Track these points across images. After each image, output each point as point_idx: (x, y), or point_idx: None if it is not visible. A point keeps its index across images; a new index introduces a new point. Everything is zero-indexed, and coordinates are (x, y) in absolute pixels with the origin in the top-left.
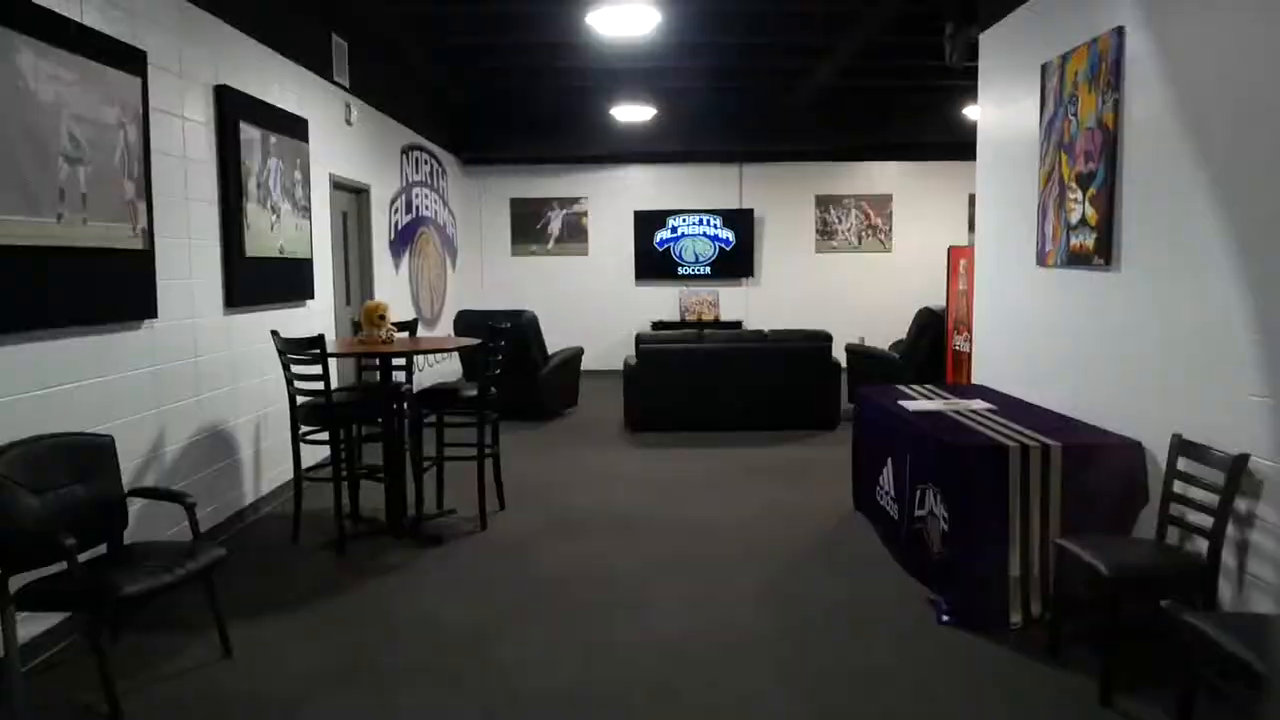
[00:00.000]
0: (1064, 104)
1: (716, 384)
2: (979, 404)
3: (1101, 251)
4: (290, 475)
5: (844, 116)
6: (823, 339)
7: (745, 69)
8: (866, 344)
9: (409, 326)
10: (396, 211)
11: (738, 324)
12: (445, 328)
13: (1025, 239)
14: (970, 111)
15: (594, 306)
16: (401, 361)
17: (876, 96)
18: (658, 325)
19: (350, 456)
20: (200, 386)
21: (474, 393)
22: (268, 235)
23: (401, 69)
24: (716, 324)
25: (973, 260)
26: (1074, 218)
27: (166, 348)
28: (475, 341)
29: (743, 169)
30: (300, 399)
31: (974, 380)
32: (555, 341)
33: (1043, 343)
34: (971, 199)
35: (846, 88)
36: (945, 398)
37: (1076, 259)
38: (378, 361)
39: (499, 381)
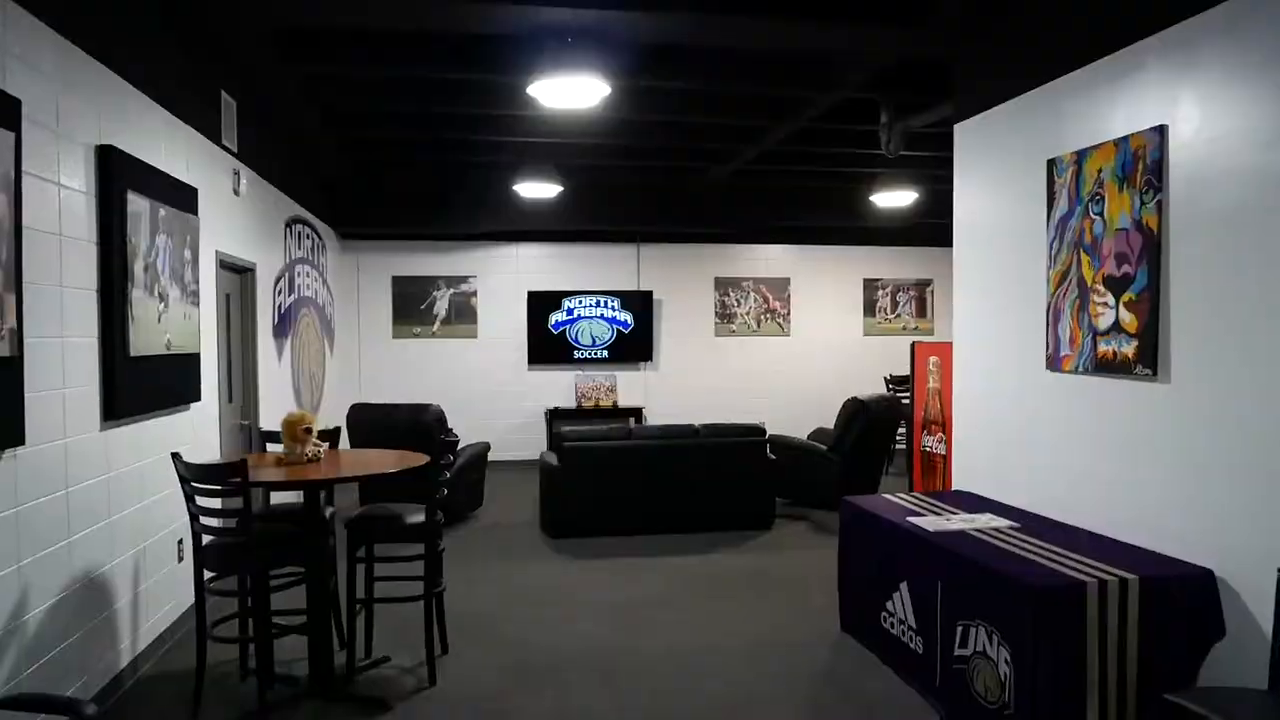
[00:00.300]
0: (1083, 202)
1: (645, 484)
2: (998, 520)
3: (1145, 360)
4: (173, 619)
5: (747, 199)
6: (756, 433)
7: (663, 149)
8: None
9: (329, 436)
10: (280, 292)
11: (637, 410)
12: (326, 422)
13: (1028, 341)
14: (879, 199)
15: (484, 392)
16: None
17: (780, 180)
18: (553, 413)
19: (262, 601)
20: (72, 525)
21: (419, 518)
22: (154, 328)
23: (289, 133)
24: (615, 411)
25: (947, 358)
26: (1103, 323)
27: (32, 481)
28: (423, 459)
29: (640, 249)
30: (205, 537)
31: (955, 485)
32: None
33: (1056, 453)
34: (865, 283)
35: (753, 170)
36: (952, 511)
37: (1109, 367)
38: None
39: (395, 481)
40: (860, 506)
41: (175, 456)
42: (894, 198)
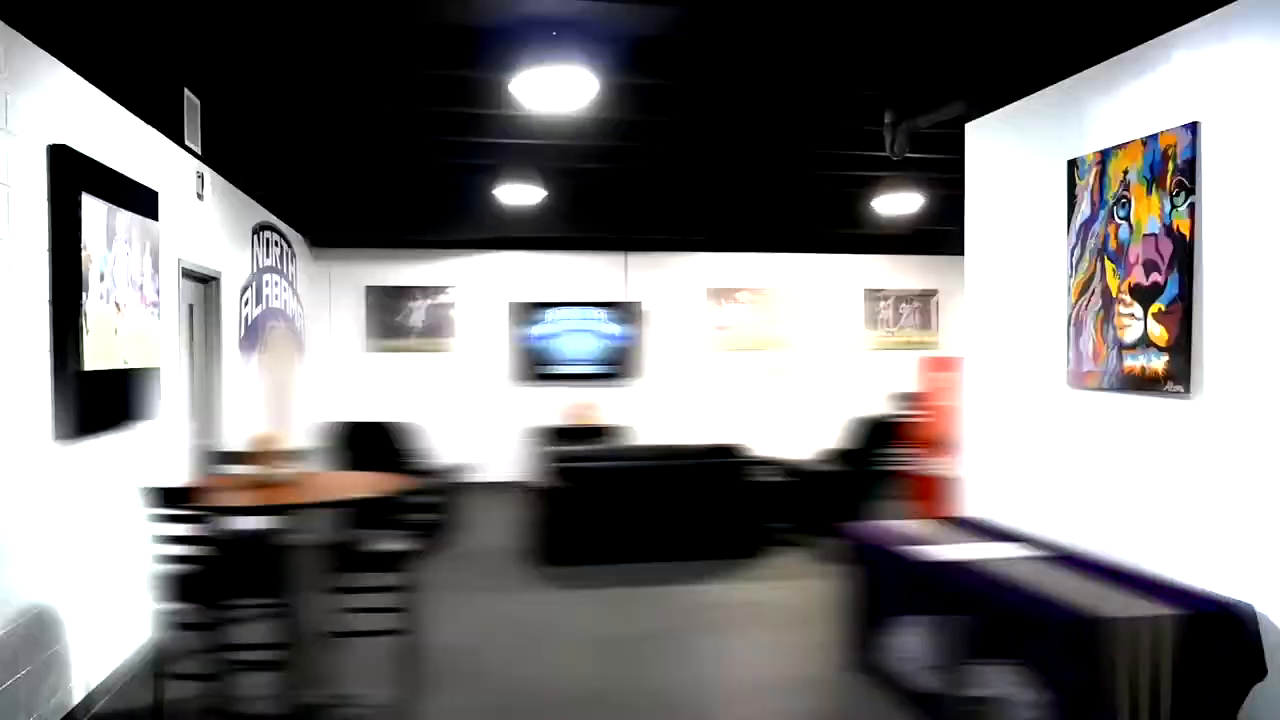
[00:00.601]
0: (1108, 206)
1: (637, 507)
2: (1016, 550)
3: (1176, 376)
4: (132, 653)
5: (741, 204)
6: (751, 454)
7: (652, 151)
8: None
9: (302, 455)
10: (247, 303)
11: (626, 429)
12: (296, 439)
13: (1047, 356)
14: (881, 204)
15: (463, 409)
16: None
17: (776, 184)
18: (537, 431)
19: (224, 636)
20: (18, 552)
21: (396, 546)
22: (111, 341)
23: (256, 132)
24: (602, 429)
25: (958, 374)
26: (1129, 336)
27: None
28: (402, 482)
29: (628, 258)
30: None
31: (966, 511)
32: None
33: (1078, 477)
34: (866, 294)
35: (748, 174)
36: (965, 539)
37: (1136, 383)
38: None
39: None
40: (864, 535)
41: (138, 483)
42: (897, 203)
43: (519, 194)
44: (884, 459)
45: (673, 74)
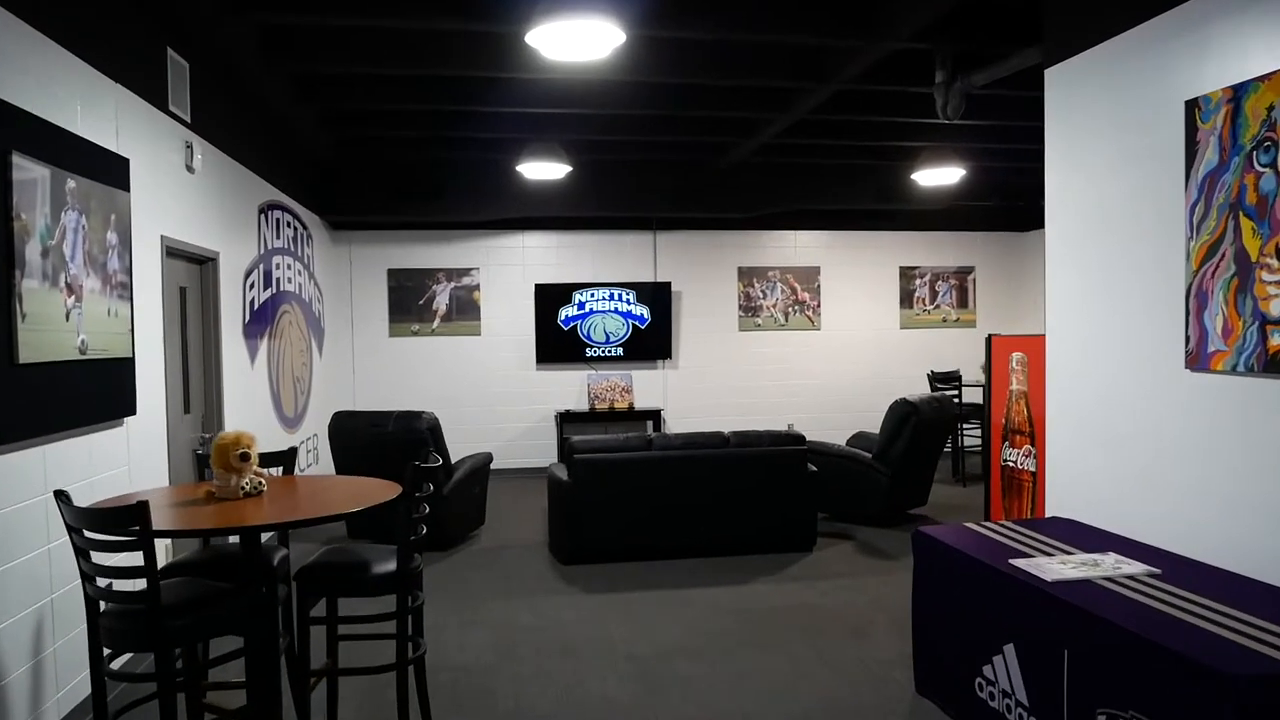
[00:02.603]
0: (1243, 152)
1: (668, 502)
2: (1129, 564)
3: None
4: (88, 692)
5: (773, 180)
6: (795, 441)
7: (681, 120)
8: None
9: (282, 459)
10: (252, 286)
11: (655, 413)
12: (312, 428)
13: (1158, 334)
14: (922, 176)
15: (488, 395)
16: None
17: (810, 157)
18: (564, 416)
19: (192, 671)
20: None
21: (390, 566)
22: (59, 327)
23: (259, 104)
24: (631, 413)
25: (1036, 355)
26: (1276, 308)
27: None
28: (394, 490)
29: (657, 237)
30: (105, 603)
31: (1049, 510)
32: (445, 438)
33: (1200, 474)
34: (902, 271)
35: (781, 146)
36: (1061, 548)
37: None
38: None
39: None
40: (941, 540)
41: (60, 497)
42: (939, 175)
43: (543, 170)
44: (934, 444)
45: (704, 24)
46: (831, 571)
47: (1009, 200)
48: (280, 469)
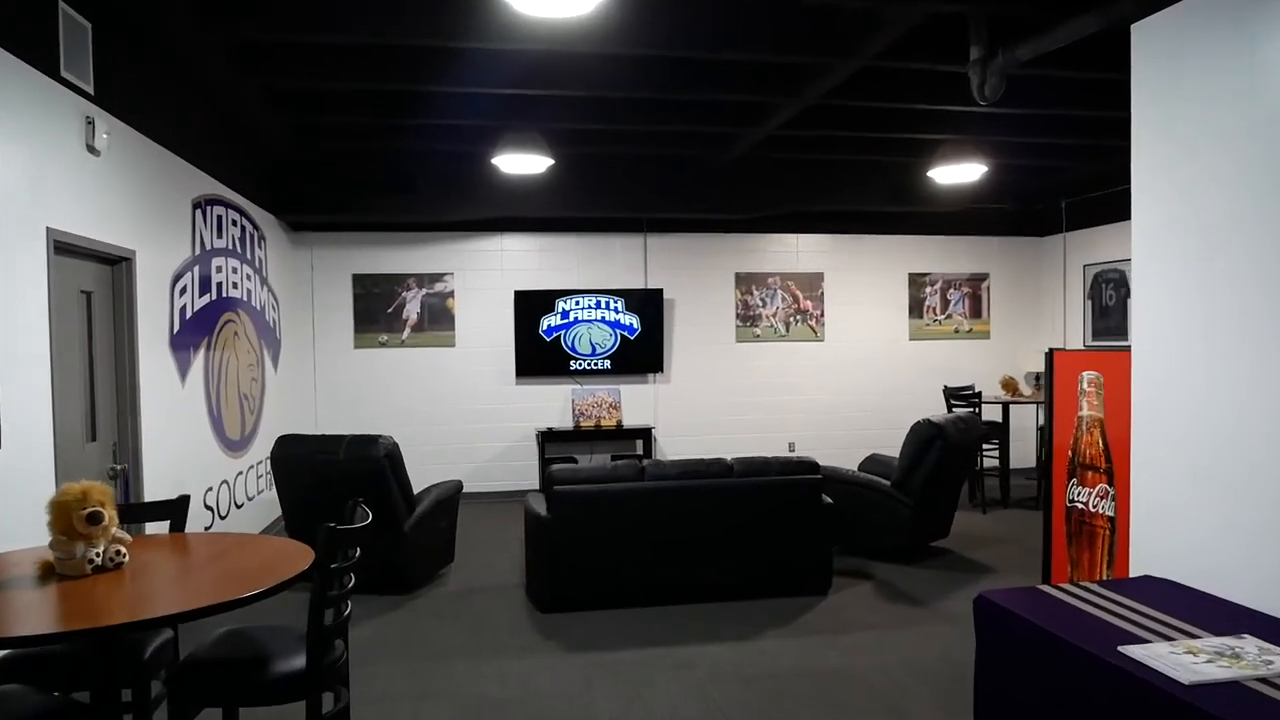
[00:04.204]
0: None
1: (664, 538)
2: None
3: None
4: None
5: (774, 178)
6: (807, 469)
7: (680, 106)
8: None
9: (168, 511)
10: (184, 291)
11: (646, 431)
12: (263, 451)
13: None
14: (940, 174)
15: (463, 412)
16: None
17: (815, 152)
18: (546, 435)
19: None
20: None
21: (299, 663)
22: None
23: (190, 79)
24: (619, 431)
25: (1115, 373)
26: None
27: None
28: (303, 562)
29: (647, 240)
30: None
31: (1134, 566)
32: (412, 461)
33: None
34: (911, 279)
35: (784, 139)
36: (1175, 625)
37: None
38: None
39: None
40: (1015, 612)
41: None
42: (958, 172)
43: (522, 163)
44: (960, 470)
45: None
46: (852, 622)
47: (1026, 203)
48: (168, 523)
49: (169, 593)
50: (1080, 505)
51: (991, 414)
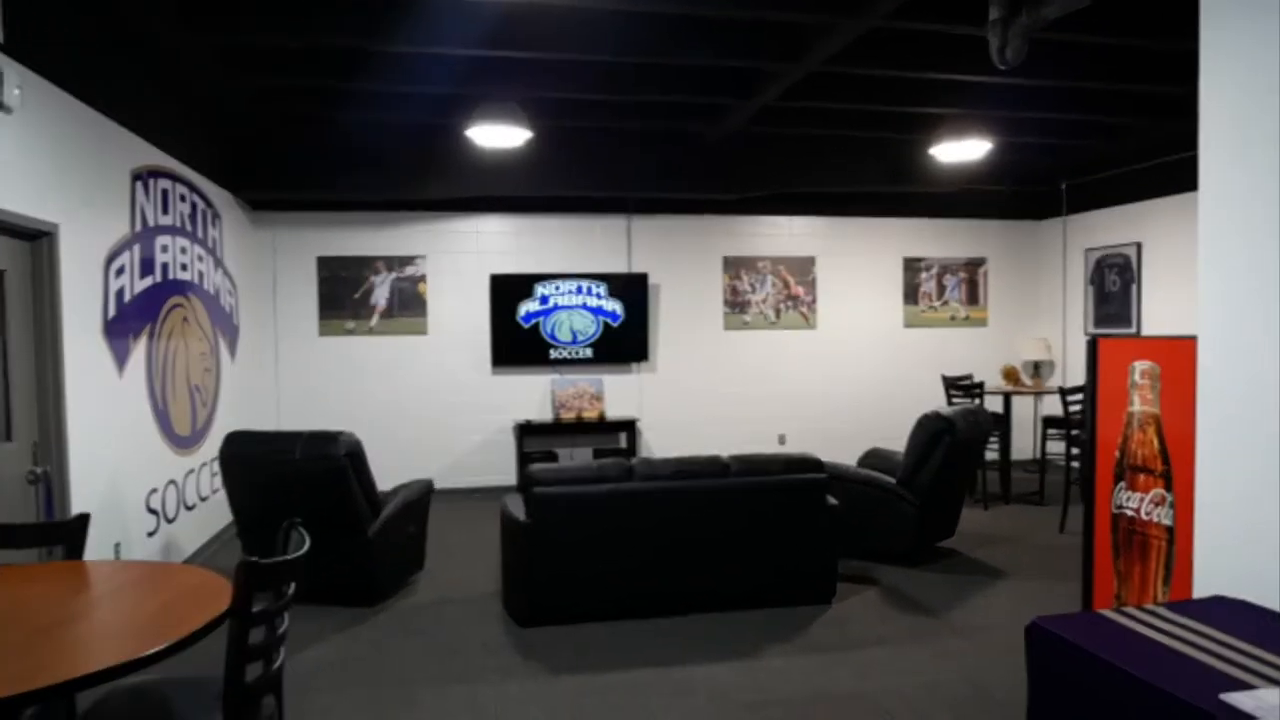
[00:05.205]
0: None
1: (656, 544)
2: None
3: None
4: None
5: (765, 156)
6: (810, 468)
7: (667, 73)
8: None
9: (61, 535)
10: (121, 272)
11: (630, 423)
12: (216, 447)
13: None
14: (942, 151)
15: (436, 404)
16: None
17: (809, 126)
18: (524, 428)
19: None
20: None
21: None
22: None
23: (133, 37)
24: (601, 423)
25: (1175, 364)
26: None
27: None
28: (218, 603)
29: (632, 222)
30: None
31: (1198, 583)
32: (382, 456)
33: None
34: (906, 263)
35: (777, 112)
36: (1271, 660)
37: None
38: None
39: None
40: (1078, 644)
41: None
42: (961, 149)
43: (498, 135)
44: (968, 466)
45: None
46: (863, 635)
47: (1026, 185)
48: (62, 548)
49: (27, 657)
50: (1130, 512)
51: (991, 405)
